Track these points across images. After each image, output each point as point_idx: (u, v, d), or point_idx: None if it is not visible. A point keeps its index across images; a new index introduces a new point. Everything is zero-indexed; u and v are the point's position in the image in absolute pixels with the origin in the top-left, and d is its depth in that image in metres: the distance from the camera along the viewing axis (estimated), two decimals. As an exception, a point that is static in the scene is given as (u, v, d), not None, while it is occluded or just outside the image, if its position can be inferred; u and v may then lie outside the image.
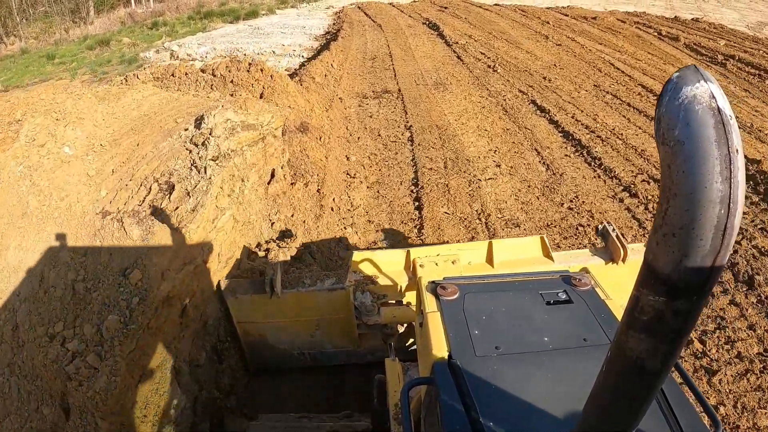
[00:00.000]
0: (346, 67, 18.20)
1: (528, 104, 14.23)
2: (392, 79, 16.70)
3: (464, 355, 2.61)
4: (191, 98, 8.96)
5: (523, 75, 16.86)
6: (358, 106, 14.07)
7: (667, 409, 2.22)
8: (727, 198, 1.08)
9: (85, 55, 30.38)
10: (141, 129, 7.65)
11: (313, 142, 10.13)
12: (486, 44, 21.31)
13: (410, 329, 5.61)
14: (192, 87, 10.58)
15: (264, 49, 25.04)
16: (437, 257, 4.81)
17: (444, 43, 21.98)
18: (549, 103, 14.20)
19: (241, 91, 9.68)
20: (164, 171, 6.23)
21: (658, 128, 1.15)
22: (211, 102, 8.13)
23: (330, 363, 6.12)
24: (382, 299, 5.41)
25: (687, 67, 1.15)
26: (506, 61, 18.47)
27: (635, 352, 1.35)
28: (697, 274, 1.16)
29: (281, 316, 5.63)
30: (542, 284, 3.16)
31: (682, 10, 37.58)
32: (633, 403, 1.49)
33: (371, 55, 20.38)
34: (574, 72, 17.38)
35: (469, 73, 17.19)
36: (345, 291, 5.35)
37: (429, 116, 13.01)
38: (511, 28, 24.98)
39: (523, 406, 2.30)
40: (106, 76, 25.81)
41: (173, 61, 25.68)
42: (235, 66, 10.23)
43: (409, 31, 25.06)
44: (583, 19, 28.28)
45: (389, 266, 5.34)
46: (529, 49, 20.48)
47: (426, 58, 19.52)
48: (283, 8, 37.26)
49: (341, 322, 5.62)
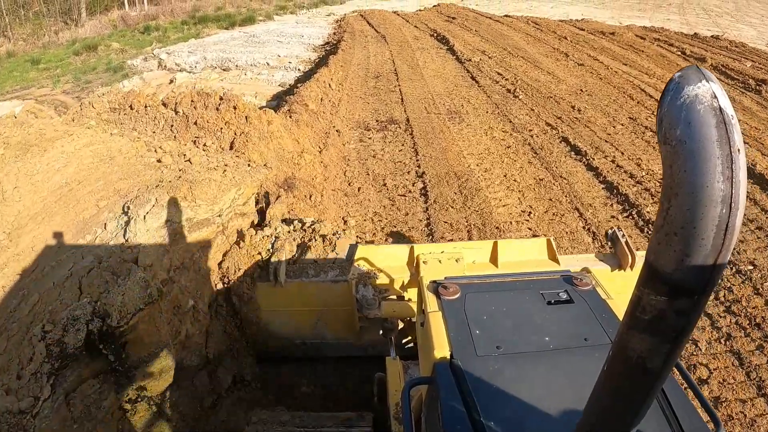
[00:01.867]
0: (346, 88, 15.73)
1: (559, 143, 11.79)
2: (399, 103, 14.22)
3: (465, 355, 2.53)
4: (134, 154, 6.50)
5: (548, 103, 14.40)
6: (359, 140, 11.60)
7: (668, 408, 2.16)
8: (729, 197, 1.06)
9: (71, 60, 28.05)
10: (51, 214, 5.20)
11: (301, 202, 7.69)
12: (502, 62, 18.84)
13: (409, 326, 5.34)
14: (149, 126, 8.10)
15: (258, 60, 22.56)
16: (441, 254, 4.59)
17: (455, 59, 19.49)
18: (583, 141, 11.76)
19: (207, 138, 7.22)
20: (59, 320, 3.74)
21: (659, 128, 1.13)
22: (150, 177, 5.64)
23: (331, 354, 6.01)
24: (384, 294, 5.29)
25: (689, 66, 1.13)
26: (527, 84, 16.01)
27: (636, 352, 1.32)
28: (698, 274, 1.14)
29: (284, 305, 5.58)
30: (543, 284, 3.06)
31: (699, 25, 35.49)
32: (634, 403, 1.45)
33: (374, 72, 17.89)
34: (605, 100, 14.95)
35: (486, 98, 14.71)
36: (347, 283, 5.28)
37: (445, 158, 10.53)
38: (526, 44, 22.52)
39: (524, 406, 2.24)
40: (89, 86, 23.56)
41: (160, 70, 23.23)
42: (202, 101, 7.76)
43: (415, 44, 22.56)
44: (600, 35, 25.90)
45: (392, 261, 5.22)
46: (550, 69, 18.02)
47: (436, 77, 17.04)
48: (281, 14, 34.69)
49: (343, 314, 5.56)
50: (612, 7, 41.67)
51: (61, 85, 24.06)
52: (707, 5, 47.26)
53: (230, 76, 20.88)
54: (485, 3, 40.00)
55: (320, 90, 13.53)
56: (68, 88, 23.66)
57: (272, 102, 17.11)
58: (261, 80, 20.02)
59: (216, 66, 22.61)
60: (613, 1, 47.43)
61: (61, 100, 21.93)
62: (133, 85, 21.64)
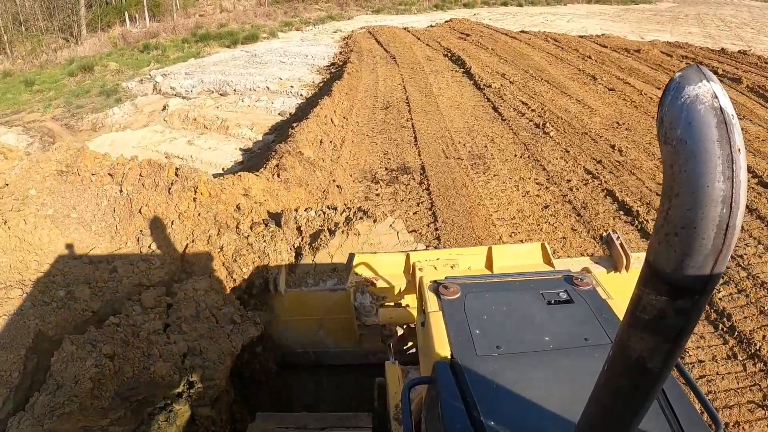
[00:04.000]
0: (351, 121, 13.56)
1: (604, 197, 9.53)
2: (412, 144, 12.00)
3: (465, 355, 2.49)
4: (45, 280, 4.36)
5: (584, 141, 12.15)
6: (364, 197, 9.38)
7: (668, 408, 2.13)
8: (729, 197, 1.04)
9: (65, 82, 26.35)
10: None
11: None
12: (525, 88, 16.58)
13: (409, 332, 5.11)
14: (90, 206, 5.99)
15: (257, 83, 20.48)
16: (436, 261, 4.33)
17: (473, 84, 17.25)
18: (632, 195, 9.51)
19: (153, 236, 5.07)
20: None
21: (660, 128, 1.11)
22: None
23: (332, 362, 5.87)
24: (381, 301, 5.10)
25: (689, 66, 1.11)
26: (556, 116, 13.75)
27: (637, 352, 1.30)
28: (698, 273, 1.12)
29: (285, 314, 5.54)
30: (543, 284, 2.99)
31: (722, 38, 33.27)
32: (634, 403, 1.43)
33: (384, 102, 15.70)
34: (646, 135, 12.67)
35: (512, 136, 12.46)
36: (346, 292, 5.21)
37: (470, 226, 8.29)
38: (548, 64, 20.26)
39: (524, 405, 2.21)
40: (80, 110, 21.80)
41: (154, 95, 21.25)
42: (152, 177, 5.61)
43: (428, 65, 20.35)
44: (624, 52, 23.64)
45: (389, 269, 5.01)
46: (580, 96, 15.76)
47: (453, 108, 14.81)
48: (286, 31, 32.60)
49: (342, 322, 5.46)
50: (629, 20, 39.30)
51: (52, 110, 22.40)
52: (723, 15, 44.96)
53: (226, 103, 18.82)
54: (498, 17, 37.77)
55: (320, 129, 11.37)
56: (58, 113, 21.99)
57: (269, 136, 15.00)
58: (259, 108, 17.93)
59: (213, 90, 20.58)
60: (628, 13, 45.14)
61: (49, 127, 20.27)
62: (124, 112, 19.70)
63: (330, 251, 6.13)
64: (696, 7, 52.13)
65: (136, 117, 19.62)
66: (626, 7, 49.78)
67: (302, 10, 38.85)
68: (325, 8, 41.13)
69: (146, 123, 18.65)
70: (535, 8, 44.98)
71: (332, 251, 6.15)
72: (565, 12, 43.13)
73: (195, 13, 37.12)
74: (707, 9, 50.67)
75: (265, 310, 5.50)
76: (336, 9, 41.20)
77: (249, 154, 13.31)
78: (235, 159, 13.10)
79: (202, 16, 35.83)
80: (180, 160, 13.96)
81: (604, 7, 48.89)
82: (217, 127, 16.37)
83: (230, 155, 13.46)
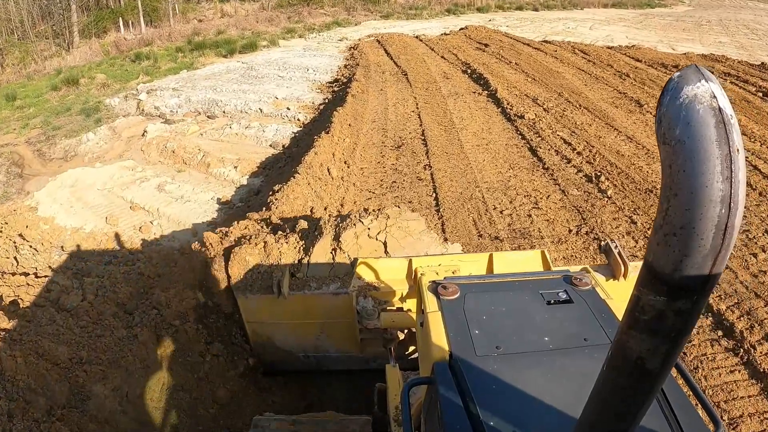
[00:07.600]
0: (354, 169, 10.46)
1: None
2: (432, 209, 8.89)
3: (465, 355, 2.42)
4: None
5: (648, 202, 9.01)
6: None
7: (668, 408, 2.07)
8: (728, 197, 1.00)
9: (47, 97, 23.57)
10: None
11: None
12: (563, 118, 13.37)
13: (410, 337, 4.82)
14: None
15: (250, 103, 17.42)
16: (438, 267, 4.28)
17: (501, 113, 14.05)
18: (727, 297, 6.46)
19: None
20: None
21: (659, 128, 1.06)
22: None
23: (333, 367, 5.80)
24: (383, 305, 5.09)
25: (688, 66, 1.05)
26: (609, 163, 10.59)
27: (636, 352, 1.25)
28: (697, 274, 1.07)
29: (287, 317, 5.46)
30: (543, 284, 2.88)
31: (755, 49, 29.87)
32: (633, 403, 1.37)
33: (395, 138, 12.54)
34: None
35: (560, 195, 9.33)
36: (348, 295, 5.19)
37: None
38: (583, 84, 17.03)
39: (523, 405, 2.15)
40: (56, 133, 19.02)
41: (136, 115, 18.24)
42: None
43: (446, 85, 17.14)
44: (661, 68, 20.38)
45: (392, 274, 4.92)
46: (630, 131, 12.55)
47: (482, 148, 11.63)
48: (288, 38, 29.36)
49: (344, 326, 5.41)
50: (653, 27, 35.79)
51: (28, 131, 19.72)
52: (746, 21, 41.39)
53: (212, 129, 15.78)
54: (515, 23, 34.35)
55: (310, 190, 8.31)
56: (34, 135, 19.31)
57: (255, 179, 11.94)
58: (248, 137, 14.88)
59: (200, 111, 17.55)
60: (649, 19, 41.60)
61: (20, 154, 17.58)
62: (99, 138, 16.74)
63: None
64: (714, 11, 48.55)
65: (112, 144, 16.64)
66: (644, 11, 46.23)
67: (307, 15, 35.62)
68: (332, 13, 37.87)
69: (121, 152, 15.67)
70: (551, 13, 41.48)
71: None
72: (584, 17, 39.66)
73: (194, 18, 34.02)
74: (726, 13, 47.08)
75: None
76: (343, 14, 37.92)
77: (226, 210, 10.27)
78: (208, 217, 10.08)
79: (200, 22, 32.72)
80: (146, 214, 10.99)
81: (621, 12, 45.36)
82: (197, 163, 13.36)
83: (203, 209, 10.43)
